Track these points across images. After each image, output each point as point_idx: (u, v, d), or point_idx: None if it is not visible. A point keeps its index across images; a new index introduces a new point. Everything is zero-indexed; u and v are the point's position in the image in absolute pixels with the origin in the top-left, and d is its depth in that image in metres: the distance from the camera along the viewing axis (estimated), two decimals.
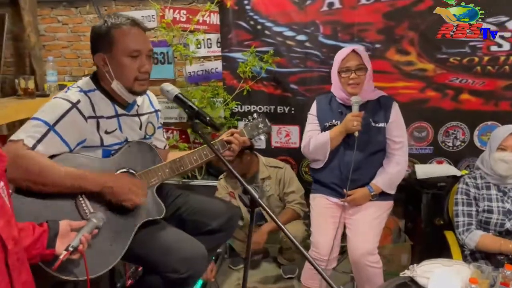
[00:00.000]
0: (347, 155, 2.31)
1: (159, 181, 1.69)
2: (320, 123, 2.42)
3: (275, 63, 3.18)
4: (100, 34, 1.58)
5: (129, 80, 1.60)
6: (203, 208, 1.83)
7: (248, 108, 3.36)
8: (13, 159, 1.37)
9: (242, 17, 3.21)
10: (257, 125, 2.03)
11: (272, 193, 2.90)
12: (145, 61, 1.61)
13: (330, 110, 2.42)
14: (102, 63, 1.59)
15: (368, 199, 2.33)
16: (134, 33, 1.58)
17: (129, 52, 1.56)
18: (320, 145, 2.34)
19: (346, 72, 2.31)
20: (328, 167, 2.39)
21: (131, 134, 1.70)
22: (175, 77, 3.50)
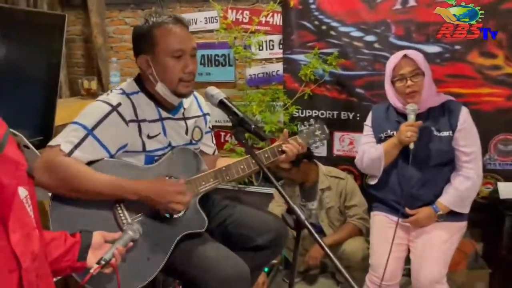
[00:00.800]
0: (406, 169, 2.06)
1: (203, 190, 1.58)
2: (375, 134, 2.20)
3: (339, 66, 2.98)
4: (141, 35, 1.51)
5: (173, 82, 1.51)
6: (250, 221, 1.70)
7: (309, 113, 3.18)
8: (48, 166, 1.33)
9: (306, 17, 3.05)
10: (313, 132, 1.86)
11: (332, 205, 2.71)
12: (189, 61, 1.52)
13: (386, 119, 2.18)
14: (145, 65, 1.53)
15: (434, 220, 2.06)
16: (177, 32, 1.49)
17: (172, 52, 1.48)
18: (373, 159, 2.13)
19: (400, 81, 2.05)
20: (386, 182, 2.16)
21: (176, 139, 1.61)
22: (235, 80, 3.41)
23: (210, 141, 1.83)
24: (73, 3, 3.62)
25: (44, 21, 1.96)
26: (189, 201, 1.47)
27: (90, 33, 3.44)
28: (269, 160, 1.70)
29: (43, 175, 1.34)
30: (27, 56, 1.97)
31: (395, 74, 2.07)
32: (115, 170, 1.43)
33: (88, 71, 3.66)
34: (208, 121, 1.80)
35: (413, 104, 2.02)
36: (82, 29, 3.66)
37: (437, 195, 2.06)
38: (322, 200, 2.72)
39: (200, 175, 1.58)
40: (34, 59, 2.01)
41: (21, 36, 1.87)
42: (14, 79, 1.90)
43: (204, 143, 1.78)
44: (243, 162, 1.65)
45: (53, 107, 2.18)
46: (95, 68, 3.50)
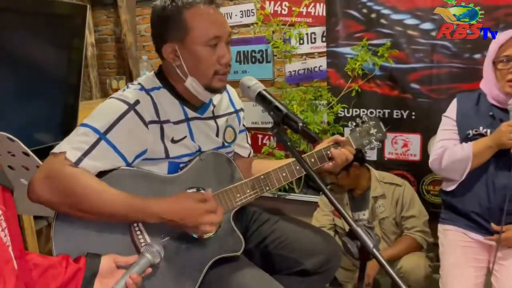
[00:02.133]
0: (500, 177, 1.69)
1: (238, 205, 1.31)
2: (461, 130, 1.82)
3: (392, 58, 2.65)
4: (166, 18, 1.24)
5: (207, 76, 1.26)
6: (295, 241, 1.41)
7: (356, 112, 2.87)
8: (50, 178, 1.10)
9: (353, 5, 2.75)
10: (368, 130, 1.56)
11: (386, 215, 2.39)
12: (226, 49, 1.26)
13: (476, 113, 1.81)
14: (172, 56, 1.26)
15: None
16: (212, 14, 1.23)
17: (208, 39, 1.22)
18: (457, 161, 1.76)
19: (505, 63, 1.70)
20: (469, 190, 1.79)
21: (205, 142, 1.35)
22: (274, 77, 3.15)
23: (245, 141, 1.56)
24: (104, 1, 3.48)
25: (62, 12, 1.77)
26: (221, 220, 1.21)
27: (121, 32, 3.28)
28: (316, 165, 1.41)
29: (42, 189, 1.11)
30: (44, 53, 1.78)
31: (499, 54, 1.73)
32: (131, 182, 1.18)
33: (120, 72, 3.51)
34: (242, 118, 1.53)
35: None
36: (113, 29, 3.51)
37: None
38: (375, 209, 2.40)
39: (234, 186, 1.31)
40: (52, 55, 1.83)
41: (34, 28, 1.69)
42: (29, 76, 1.72)
43: (238, 144, 1.52)
44: (285, 168, 1.37)
45: (75, 108, 1.99)
46: (127, 68, 3.34)
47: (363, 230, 0.90)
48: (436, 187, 2.73)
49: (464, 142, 1.79)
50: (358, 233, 0.90)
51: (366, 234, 0.89)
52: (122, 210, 1.12)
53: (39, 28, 1.73)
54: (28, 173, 1.34)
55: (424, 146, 2.72)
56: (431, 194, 2.77)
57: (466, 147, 1.75)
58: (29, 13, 1.64)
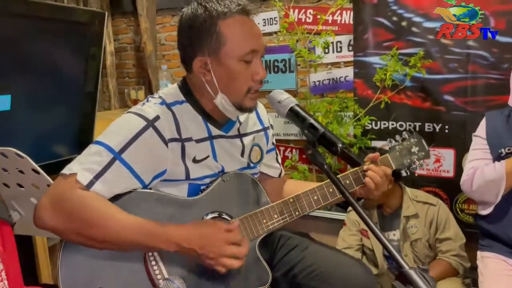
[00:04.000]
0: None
1: (264, 232, 1.18)
2: (492, 149, 1.72)
3: (424, 68, 2.50)
4: (200, 28, 1.12)
5: (240, 93, 1.15)
6: (328, 270, 1.27)
7: (385, 125, 2.72)
8: (57, 202, 1.00)
9: (382, 13, 2.62)
10: (409, 149, 1.42)
11: (419, 236, 2.23)
12: (260, 65, 1.15)
13: (508, 130, 1.71)
14: (202, 70, 1.15)
15: None
16: (249, 26, 1.13)
17: (245, 53, 1.11)
18: (489, 181, 1.65)
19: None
20: (506, 214, 1.67)
21: (229, 163, 1.23)
22: (297, 88, 3.05)
23: (274, 161, 1.45)
24: (124, 10, 3.43)
25: (80, 19, 1.70)
26: (246, 254, 1.08)
27: (140, 41, 3.22)
28: (351, 187, 1.28)
29: (49, 215, 1.01)
30: (60, 61, 1.70)
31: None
32: (147, 206, 1.07)
33: (140, 81, 3.45)
34: (271, 136, 1.41)
35: None
36: (133, 37, 3.46)
37: None
38: (407, 229, 2.24)
39: (260, 210, 1.19)
40: (69, 63, 1.75)
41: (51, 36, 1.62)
42: (44, 85, 1.64)
43: (266, 164, 1.40)
44: (317, 191, 1.24)
45: (91, 119, 1.90)
46: (146, 78, 3.27)
47: (417, 274, 0.77)
48: (471, 205, 2.56)
49: (496, 161, 1.67)
50: (411, 277, 0.76)
51: (422, 279, 0.76)
52: (135, 236, 1.01)
53: (56, 36, 1.65)
54: (39, 192, 1.25)
55: (458, 161, 2.56)
56: (465, 213, 2.61)
57: (498, 167, 1.64)
58: (46, 20, 1.56)
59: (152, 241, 1.03)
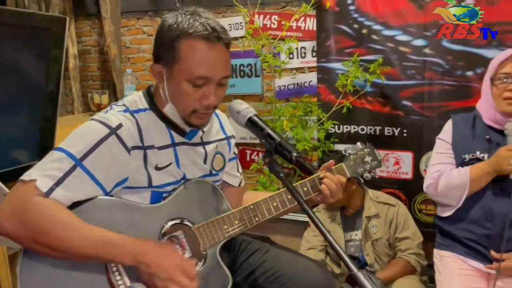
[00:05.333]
0: (499, 203, 1.64)
1: (224, 238, 1.21)
2: (456, 154, 1.77)
3: (383, 74, 2.60)
4: (165, 38, 1.14)
5: (185, 111, 1.17)
6: (288, 273, 1.31)
7: (347, 129, 2.81)
8: (16, 209, 1.00)
9: (344, 20, 2.71)
10: (362, 158, 1.48)
11: (379, 236, 2.31)
12: (213, 91, 1.14)
13: (472, 136, 1.76)
14: (158, 77, 1.18)
15: None
16: (207, 54, 1.11)
17: (193, 78, 1.12)
18: (454, 186, 1.70)
19: (502, 81, 1.66)
20: (465, 217, 1.73)
21: (192, 170, 1.26)
22: (263, 92, 3.08)
23: (236, 170, 1.47)
24: (87, 12, 3.37)
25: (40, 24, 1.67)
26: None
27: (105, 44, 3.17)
28: (308, 195, 1.33)
29: (7, 220, 1.00)
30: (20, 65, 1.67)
31: (498, 70, 1.69)
32: (107, 213, 1.08)
33: (104, 85, 3.40)
34: (233, 146, 1.44)
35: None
36: (98, 40, 3.41)
37: None
38: (368, 229, 2.32)
39: (221, 216, 1.22)
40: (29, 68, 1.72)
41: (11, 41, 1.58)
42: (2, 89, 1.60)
43: (227, 173, 1.43)
44: (276, 198, 1.29)
45: (52, 124, 1.87)
46: (111, 81, 3.23)
47: (365, 276, 0.82)
48: (428, 206, 2.67)
49: (460, 167, 1.73)
50: (359, 279, 0.81)
51: (369, 281, 0.81)
52: (92, 247, 1.02)
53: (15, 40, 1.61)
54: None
55: (416, 164, 2.67)
56: (423, 213, 2.72)
57: (463, 172, 1.69)
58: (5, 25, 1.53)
59: (109, 253, 1.03)
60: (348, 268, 0.84)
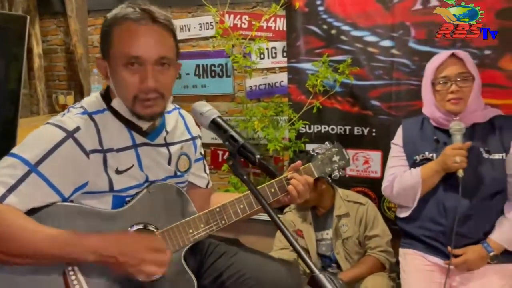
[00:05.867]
0: (450, 199, 1.70)
1: (189, 242, 1.19)
2: (408, 156, 1.84)
3: (352, 75, 2.62)
4: (103, 32, 1.15)
5: (128, 100, 1.14)
6: (255, 275, 1.31)
7: (318, 129, 2.83)
8: None
9: (313, 21, 2.72)
10: (330, 158, 1.49)
11: (350, 234, 2.34)
12: (150, 73, 1.11)
13: (421, 138, 1.83)
14: (104, 72, 1.17)
15: (486, 262, 1.68)
16: (138, 32, 1.10)
17: (126, 59, 1.10)
18: (407, 187, 1.77)
19: (443, 84, 1.71)
20: (422, 215, 1.79)
21: (156, 172, 1.23)
22: (234, 92, 3.07)
23: (202, 171, 1.45)
24: (53, 10, 3.27)
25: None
26: (168, 260, 1.08)
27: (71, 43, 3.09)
28: (276, 196, 1.33)
29: None
30: None
31: (437, 75, 1.74)
32: (67, 220, 1.05)
33: (71, 85, 3.31)
34: (199, 146, 1.42)
35: (459, 123, 1.68)
36: (64, 39, 3.31)
37: (487, 231, 1.70)
38: (339, 228, 2.35)
39: (186, 220, 1.20)
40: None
41: None
42: None
43: (194, 174, 1.41)
44: (243, 200, 1.28)
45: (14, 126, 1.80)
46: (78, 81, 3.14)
47: (326, 278, 0.82)
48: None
49: (412, 168, 1.79)
50: (321, 281, 0.81)
51: (330, 283, 0.81)
52: (52, 248, 0.99)
53: None
54: None
55: (385, 163, 2.65)
56: (392, 211, 2.76)
57: (414, 173, 1.75)
58: None
59: (69, 252, 1.00)
60: (310, 270, 0.84)
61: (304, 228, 2.40)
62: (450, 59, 1.73)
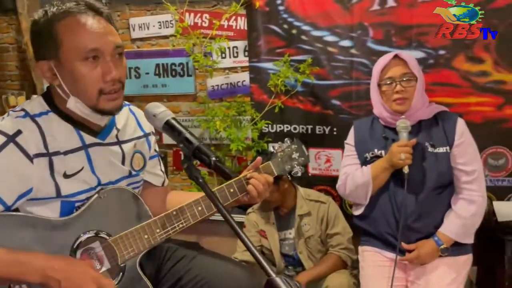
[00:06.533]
0: (398, 195, 1.74)
1: (145, 248, 1.15)
2: (359, 154, 1.88)
3: (313, 75, 2.65)
4: (39, 33, 1.08)
5: (91, 96, 1.09)
6: (214, 279, 1.28)
7: (280, 128, 2.84)
8: None
9: (274, 20, 2.72)
10: (290, 155, 1.47)
11: (312, 233, 2.35)
12: (112, 63, 1.09)
13: (371, 136, 1.87)
14: (49, 75, 1.10)
15: (437, 256, 1.73)
16: (88, 24, 1.07)
17: (83, 53, 1.06)
18: (359, 185, 1.80)
19: (388, 85, 1.77)
20: (376, 211, 1.82)
21: (109, 173, 1.18)
22: (196, 92, 3.03)
23: (158, 168, 1.40)
24: (5, 7, 3.12)
25: None
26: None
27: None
28: (235, 196, 1.31)
29: None
30: None
31: (382, 76, 1.79)
32: (10, 232, 0.98)
33: (24, 85, 3.16)
34: (153, 143, 1.37)
35: (404, 121, 1.72)
36: (15, 37, 3.16)
37: (437, 225, 1.75)
38: (301, 227, 2.36)
39: (141, 226, 1.16)
40: None
41: None
42: None
43: (149, 172, 1.36)
44: (201, 202, 1.25)
45: None
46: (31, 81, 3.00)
47: (282, 280, 0.81)
48: None
49: (364, 166, 1.83)
50: (278, 284, 0.80)
51: (286, 285, 0.80)
52: None
53: None
54: None
55: None
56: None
57: (365, 171, 1.79)
58: None
59: (17, 272, 0.95)
60: (266, 273, 0.82)
61: (267, 228, 2.40)
62: (393, 61, 1.78)
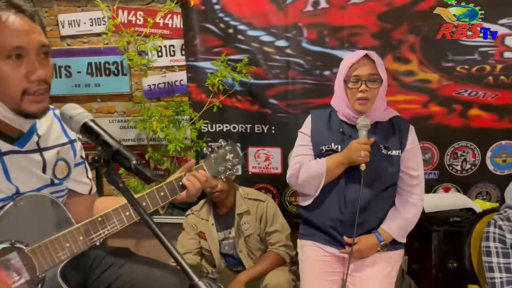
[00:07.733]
0: (350, 190, 1.78)
1: (66, 257, 1.10)
2: (315, 146, 1.88)
3: (250, 74, 2.66)
4: None
5: (14, 97, 1.03)
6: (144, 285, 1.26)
7: (219, 128, 2.83)
8: None
9: (210, 19, 2.69)
10: (224, 156, 1.47)
11: (251, 232, 2.36)
12: (36, 62, 1.04)
13: (328, 130, 1.88)
14: None
15: (376, 250, 1.80)
16: (9, 21, 1.01)
17: (6, 51, 1.00)
18: (312, 176, 1.81)
19: (355, 83, 1.78)
20: (323, 204, 1.85)
21: (27, 181, 1.11)
22: (131, 91, 2.94)
23: (84, 176, 1.34)
24: None
25: None
26: None
27: None
28: (166, 199, 1.28)
29: None
30: None
31: (350, 74, 1.79)
32: None
33: None
34: (79, 149, 1.31)
35: (365, 119, 1.75)
36: None
37: (379, 222, 1.82)
38: (240, 226, 2.37)
39: (62, 234, 1.10)
40: None
41: None
42: None
43: (74, 180, 1.29)
44: (129, 207, 1.21)
45: None
46: None
47: (206, 284, 0.80)
48: (297, 198, 2.81)
49: (318, 158, 1.84)
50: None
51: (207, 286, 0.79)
52: None
53: None
54: None
55: (284, 159, 2.80)
56: (293, 205, 2.86)
57: (320, 163, 1.80)
58: None
59: None
60: (189, 277, 0.81)
61: (206, 229, 2.38)
62: (363, 60, 1.78)
